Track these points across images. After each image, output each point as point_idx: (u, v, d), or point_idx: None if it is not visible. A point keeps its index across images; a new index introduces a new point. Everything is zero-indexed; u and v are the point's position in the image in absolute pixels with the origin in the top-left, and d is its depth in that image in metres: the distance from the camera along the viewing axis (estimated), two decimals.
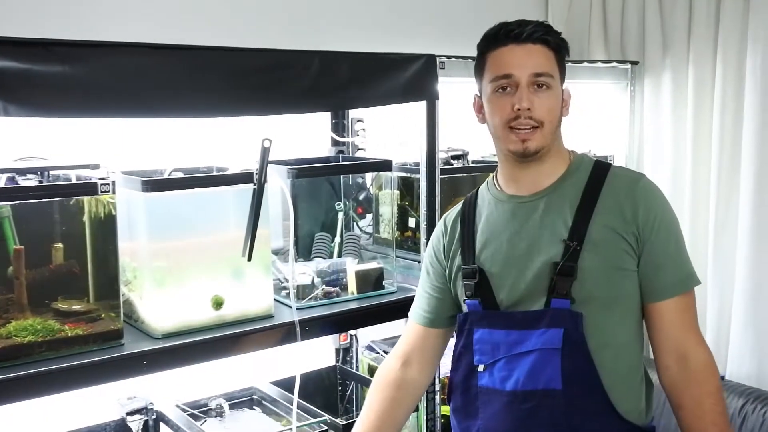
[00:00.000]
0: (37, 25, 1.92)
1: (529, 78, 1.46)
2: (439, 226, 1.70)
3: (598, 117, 2.96)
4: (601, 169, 1.54)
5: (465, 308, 1.58)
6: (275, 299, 1.94)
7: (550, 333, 1.44)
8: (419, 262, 2.21)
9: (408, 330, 1.71)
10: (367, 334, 2.57)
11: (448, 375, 1.66)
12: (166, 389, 2.07)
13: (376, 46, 2.07)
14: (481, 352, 1.52)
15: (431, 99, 2.09)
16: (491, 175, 1.65)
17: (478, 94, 1.58)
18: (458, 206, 1.69)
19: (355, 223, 2.35)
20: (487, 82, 1.51)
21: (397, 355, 1.69)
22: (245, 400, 2.24)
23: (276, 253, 2.05)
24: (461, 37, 2.74)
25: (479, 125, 1.62)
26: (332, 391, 2.51)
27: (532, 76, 1.46)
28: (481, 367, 1.52)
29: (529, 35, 1.47)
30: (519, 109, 1.45)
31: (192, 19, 2.21)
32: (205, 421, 2.10)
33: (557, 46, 1.51)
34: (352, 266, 2.10)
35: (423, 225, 2.16)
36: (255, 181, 1.83)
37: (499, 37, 1.50)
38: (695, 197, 2.79)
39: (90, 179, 1.65)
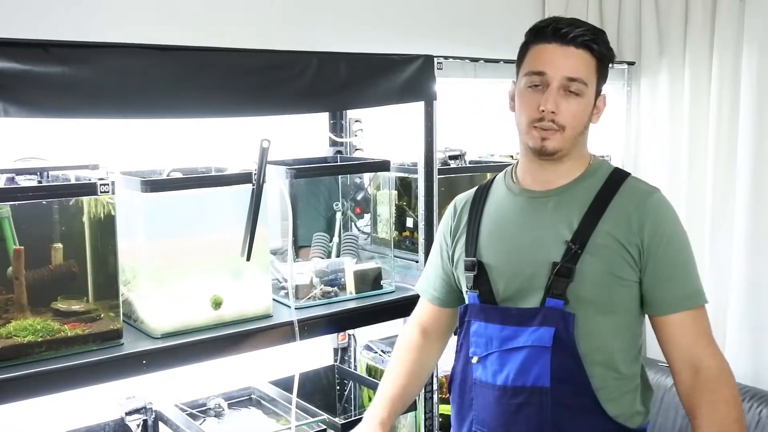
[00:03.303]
0: (36, 26, 1.92)
1: (561, 80, 1.45)
2: (451, 206, 1.70)
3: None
4: (617, 177, 1.54)
5: (467, 299, 1.60)
6: (274, 299, 1.95)
7: (541, 331, 1.45)
8: (417, 261, 2.22)
9: (420, 304, 1.76)
10: (365, 334, 2.58)
11: (447, 373, 1.68)
12: (165, 389, 2.07)
13: (374, 47, 2.08)
14: (476, 344, 1.54)
15: (429, 99, 2.09)
16: (511, 165, 1.65)
17: (515, 81, 1.56)
18: (471, 191, 1.69)
19: (353, 223, 2.35)
20: (523, 74, 1.50)
21: (414, 323, 1.76)
22: (244, 399, 2.25)
23: (275, 252, 2.05)
24: (459, 38, 2.76)
25: (476, 126, 1.62)
26: (330, 391, 2.52)
27: (565, 79, 1.45)
28: (474, 359, 1.54)
29: (574, 38, 1.45)
30: (543, 110, 1.45)
31: (190, 20, 2.21)
32: (204, 420, 2.11)
33: (601, 54, 1.48)
34: (350, 266, 2.10)
35: (421, 225, 2.17)
36: (254, 182, 1.83)
37: (546, 32, 1.47)
38: (691, 197, 2.80)
39: (89, 180, 1.65)
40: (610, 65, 1.54)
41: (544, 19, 1.51)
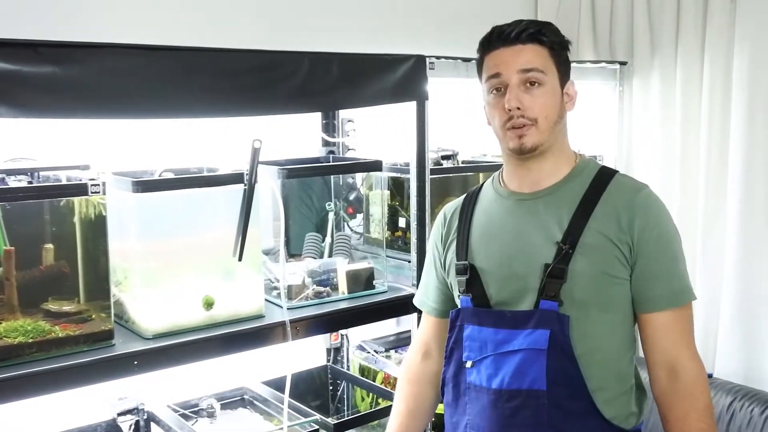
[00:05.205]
0: (27, 27, 1.91)
1: (517, 76, 1.46)
2: (440, 215, 1.71)
3: (587, 117, 2.97)
4: (604, 175, 1.54)
5: (459, 303, 1.59)
6: (266, 299, 1.95)
7: (536, 334, 1.45)
8: (409, 261, 2.22)
9: (423, 320, 1.75)
10: (357, 334, 2.58)
11: None
12: (157, 389, 2.07)
13: (366, 47, 2.08)
14: (470, 348, 1.53)
15: (421, 99, 2.10)
16: (498, 170, 1.65)
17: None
18: (460, 198, 1.69)
19: (345, 223, 2.35)
20: (484, 84, 1.53)
21: (416, 348, 1.74)
22: (236, 400, 2.25)
23: (267, 253, 2.05)
24: (451, 38, 2.75)
25: (469, 125, 1.63)
26: (323, 391, 2.52)
27: (520, 72, 1.46)
28: (468, 364, 1.53)
29: (518, 35, 1.47)
30: (510, 109, 1.46)
31: (182, 21, 2.21)
32: (196, 421, 2.10)
33: (551, 42, 1.50)
34: (342, 266, 2.10)
35: (413, 225, 2.17)
36: (246, 182, 1.83)
37: (491, 40, 1.50)
38: (684, 196, 2.81)
39: (80, 180, 1.65)
40: (568, 51, 1.55)
41: (488, 31, 1.53)
